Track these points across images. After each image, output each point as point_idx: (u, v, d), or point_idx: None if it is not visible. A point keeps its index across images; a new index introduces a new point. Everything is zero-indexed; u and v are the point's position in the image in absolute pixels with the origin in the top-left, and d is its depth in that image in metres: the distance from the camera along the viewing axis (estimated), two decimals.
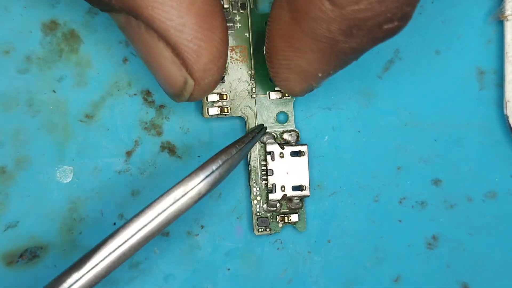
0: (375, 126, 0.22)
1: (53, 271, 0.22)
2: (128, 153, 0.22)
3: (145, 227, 0.17)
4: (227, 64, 0.22)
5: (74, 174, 0.22)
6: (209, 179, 0.17)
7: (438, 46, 0.22)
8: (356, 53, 0.17)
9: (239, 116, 0.22)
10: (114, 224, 0.22)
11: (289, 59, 0.18)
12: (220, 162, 0.18)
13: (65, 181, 0.22)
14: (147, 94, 0.22)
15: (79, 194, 0.22)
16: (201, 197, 0.17)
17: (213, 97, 0.22)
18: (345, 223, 0.23)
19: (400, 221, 0.23)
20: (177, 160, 0.22)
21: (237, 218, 0.22)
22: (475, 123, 0.23)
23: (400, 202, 0.23)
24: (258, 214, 0.22)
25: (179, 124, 0.22)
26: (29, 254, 0.22)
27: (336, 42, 0.16)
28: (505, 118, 0.22)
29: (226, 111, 0.22)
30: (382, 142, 0.22)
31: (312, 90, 0.19)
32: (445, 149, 0.23)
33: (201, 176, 0.17)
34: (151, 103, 0.22)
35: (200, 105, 0.22)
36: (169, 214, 0.17)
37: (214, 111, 0.22)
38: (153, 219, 0.17)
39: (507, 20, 0.22)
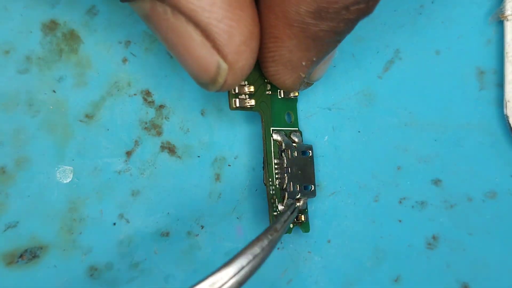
0: (375, 126, 0.22)
1: (53, 271, 0.22)
2: (128, 153, 0.22)
3: None
4: None
5: (74, 174, 0.22)
6: (238, 278, 0.15)
7: (438, 46, 0.22)
8: (331, 36, 0.16)
9: (256, 111, 0.21)
10: (114, 224, 0.22)
11: (272, 50, 0.17)
12: (250, 256, 0.15)
13: (65, 181, 0.22)
14: (147, 94, 0.22)
15: (79, 194, 0.22)
16: None
17: (236, 89, 0.20)
18: (345, 223, 0.23)
19: (400, 221, 0.23)
20: (177, 160, 0.22)
21: (237, 218, 0.22)
22: (475, 123, 0.23)
23: (400, 202, 0.23)
24: (274, 213, 0.21)
25: (179, 124, 0.22)
26: (29, 254, 0.22)
27: (307, 25, 0.16)
28: (505, 118, 0.22)
29: (246, 104, 0.20)
30: (382, 142, 0.22)
31: (306, 84, 0.19)
32: (445, 149, 0.23)
33: (230, 272, 0.15)
34: (151, 103, 0.22)
35: (200, 104, 0.22)
36: None
37: (238, 103, 0.20)
38: None
39: (507, 20, 0.22)
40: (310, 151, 0.21)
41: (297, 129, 0.22)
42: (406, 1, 0.22)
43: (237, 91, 0.20)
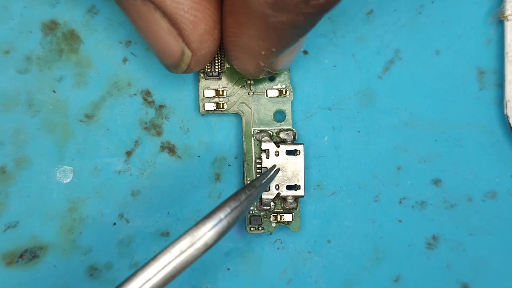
0: (375, 126, 0.22)
1: (53, 271, 0.22)
2: (128, 153, 0.22)
3: (150, 281, 0.16)
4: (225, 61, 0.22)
5: (74, 174, 0.22)
6: (217, 229, 0.16)
7: (438, 46, 0.22)
8: (290, 29, 0.16)
9: (236, 113, 0.22)
10: (114, 224, 0.22)
11: (235, 35, 0.18)
12: (228, 209, 0.17)
13: (65, 181, 0.22)
14: (147, 94, 0.22)
15: (79, 194, 0.22)
16: (208, 248, 0.16)
17: (209, 93, 0.22)
18: (345, 223, 0.23)
19: (400, 221, 0.23)
20: (177, 160, 0.22)
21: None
22: (475, 123, 0.23)
23: (400, 202, 0.23)
24: (251, 212, 0.22)
25: (179, 124, 0.22)
26: (29, 254, 0.22)
27: (266, 16, 0.16)
28: (505, 118, 0.22)
29: (222, 106, 0.22)
30: (382, 142, 0.22)
31: (267, 73, 0.19)
32: (445, 149, 0.23)
33: (208, 225, 0.16)
34: (151, 103, 0.22)
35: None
36: (175, 266, 0.16)
37: (210, 106, 0.22)
38: (158, 272, 0.16)
39: (507, 20, 0.22)
40: (299, 151, 0.21)
41: (289, 127, 0.22)
42: (406, 1, 0.22)
43: (213, 95, 0.22)
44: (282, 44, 0.17)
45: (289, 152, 0.21)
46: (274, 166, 0.21)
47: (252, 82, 0.22)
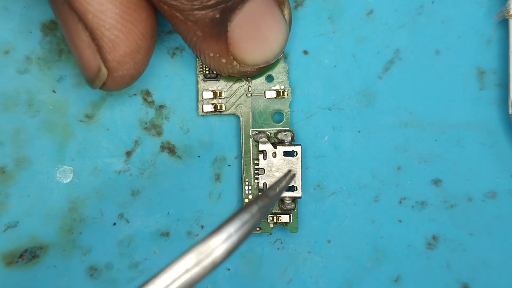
0: (375, 126, 0.22)
1: (53, 271, 0.22)
2: (128, 153, 0.22)
3: None
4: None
5: (74, 174, 0.22)
6: (226, 245, 0.14)
7: (438, 46, 0.22)
8: (173, 13, 0.17)
9: (234, 114, 0.22)
10: (114, 224, 0.22)
11: (186, 40, 0.19)
12: (239, 223, 0.15)
13: (65, 181, 0.22)
14: (147, 94, 0.22)
15: (79, 194, 0.22)
16: (215, 266, 0.14)
17: (207, 94, 0.22)
18: (345, 223, 0.23)
19: (400, 221, 0.23)
20: (177, 160, 0.22)
21: None
22: (475, 123, 0.23)
23: (400, 202, 0.23)
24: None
25: (179, 124, 0.22)
26: (29, 254, 0.22)
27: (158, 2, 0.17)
28: (508, 118, 0.22)
29: (220, 108, 0.22)
30: (382, 142, 0.22)
31: (240, 73, 0.20)
32: (445, 149, 0.23)
33: (218, 240, 0.14)
34: (151, 103, 0.22)
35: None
36: (179, 286, 0.14)
37: (208, 108, 0.22)
38: None
39: None
40: (296, 152, 0.21)
41: (287, 128, 0.22)
42: (406, 1, 0.22)
43: (212, 96, 0.22)
44: (178, 30, 0.18)
45: (286, 153, 0.22)
46: (290, 171, 0.20)
47: (250, 83, 0.22)
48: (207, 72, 0.21)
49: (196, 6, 0.17)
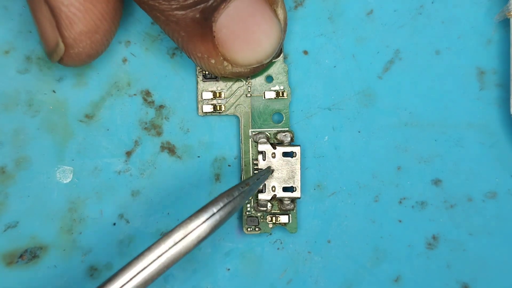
0: (375, 126, 0.22)
1: (53, 271, 0.22)
2: (128, 153, 0.22)
3: (144, 271, 0.16)
4: None
5: (74, 174, 0.22)
6: (210, 222, 0.17)
7: (438, 46, 0.22)
8: (152, 11, 0.18)
9: (234, 115, 0.22)
10: (114, 224, 0.22)
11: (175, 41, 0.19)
12: (221, 204, 0.17)
13: (65, 181, 0.22)
14: (146, 94, 0.22)
15: (79, 194, 0.22)
16: (200, 240, 0.17)
17: (207, 95, 0.22)
18: (345, 223, 0.23)
19: (400, 221, 0.23)
20: (177, 160, 0.22)
21: (237, 218, 0.22)
22: (475, 123, 0.23)
23: (400, 202, 0.23)
24: (248, 213, 0.22)
25: (179, 124, 0.22)
26: (29, 254, 0.22)
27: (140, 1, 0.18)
28: (509, 118, 0.22)
29: (219, 109, 0.22)
30: (382, 142, 0.22)
31: (233, 73, 0.20)
32: (445, 149, 0.23)
33: (202, 218, 0.17)
34: (151, 103, 0.22)
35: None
36: (168, 257, 0.17)
37: (208, 108, 0.22)
38: (151, 263, 0.16)
39: None
40: (295, 152, 0.21)
41: (287, 129, 0.22)
42: (406, 1, 0.22)
43: (211, 96, 0.22)
44: (162, 27, 0.18)
45: (285, 154, 0.22)
46: (269, 167, 0.21)
47: (250, 84, 0.22)
48: (207, 72, 0.21)
49: (174, 6, 0.17)
